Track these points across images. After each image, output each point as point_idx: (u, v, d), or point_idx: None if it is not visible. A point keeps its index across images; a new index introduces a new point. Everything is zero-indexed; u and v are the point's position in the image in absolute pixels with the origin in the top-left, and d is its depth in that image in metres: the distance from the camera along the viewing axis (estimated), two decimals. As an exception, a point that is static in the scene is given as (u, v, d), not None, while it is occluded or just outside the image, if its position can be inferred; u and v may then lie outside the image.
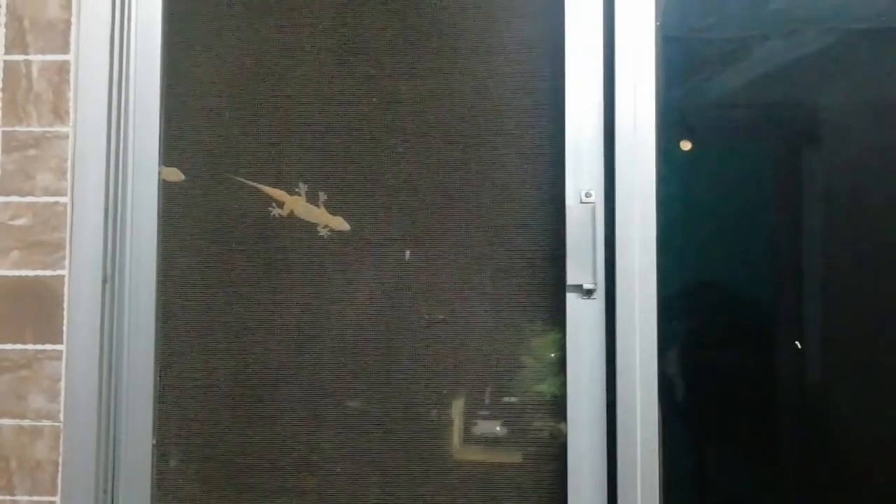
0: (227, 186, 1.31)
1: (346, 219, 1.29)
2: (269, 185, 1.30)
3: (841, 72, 1.30)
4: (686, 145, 1.30)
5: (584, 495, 1.20)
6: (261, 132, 1.31)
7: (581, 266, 1.21)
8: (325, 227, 1.29)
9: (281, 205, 1.29)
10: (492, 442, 1.26)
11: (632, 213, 1.21)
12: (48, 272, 1.22)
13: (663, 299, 1.21)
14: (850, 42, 1.31)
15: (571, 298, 1.22)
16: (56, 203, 1.23)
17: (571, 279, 1.22)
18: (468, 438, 1.26)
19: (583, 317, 1.22)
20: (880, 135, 1.29)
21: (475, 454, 1.26)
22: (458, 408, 1.27)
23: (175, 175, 1.30)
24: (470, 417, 1.27)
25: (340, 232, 1.29)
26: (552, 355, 1.25)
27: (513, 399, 1.26)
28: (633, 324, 1.20)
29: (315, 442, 1.27)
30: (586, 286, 1.21)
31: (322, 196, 1.28)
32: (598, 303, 1.22)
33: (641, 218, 1.21)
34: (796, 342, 1.27)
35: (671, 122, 1.27)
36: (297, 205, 1.29)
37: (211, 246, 1.30)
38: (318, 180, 1.30)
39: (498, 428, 1.26)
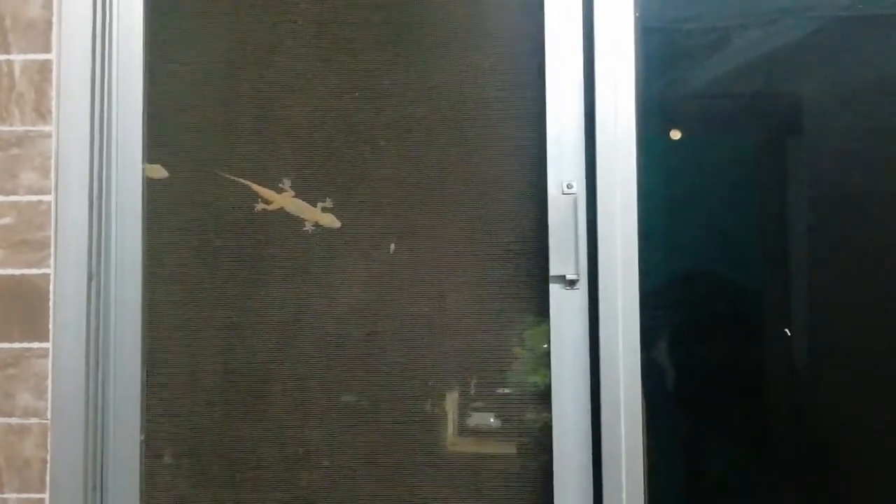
0: (212, 183, 1.31)
1: (330, 213, 1.30)
2: (255, 180, 1.30)
3: (822, 60, 1.31)
4: (672, 135, 1.30)
5: (570, 484, 1.21)
6: (244, 128, 1.31)
7: (564, 257, 1.22)
8: (315, 223, 1.29)
9: (269, 202, 1.30)
10: (476, 433, 1.27)
11: (613, 203, 1.22)
12: (33, 270, 1.23)
13: (646, 289, 1.22)
14: (831, 30, 1.31)
15: (555, 289, 1.23)
16: (40, 202, 1.24)
17: (554, 270, 1.22)
18: (454, 430, 1.27)
19: (566, 307, 1.23)
20: (862, 122, 1.30)
21: (462, 446, 1.27)
22: (445, 400, 1.27)
23: (158, 172, 1.30)
24: (455, 409, 1.27)
25: (326, 227, 1.29)
26: (540, 346, 1.25)
27: (498, 390, 1.26)
28: (616, 313, 1.21)
29: (303, 436, 1.28)
30: (569, 277, 1.22)
31: (327, 202, 1.29)
32: (581, 293, 1.23)
33: (623, 208, 1.22)
34: (785, 329, 1.28)
35: (651, 112, 1.28)
36: (286, 202, 1.29)
37: (196, 242, 1.31)
38: (302, 175, 1.30)
39: (491, 420, 1.26)
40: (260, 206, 1.29)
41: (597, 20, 1.24)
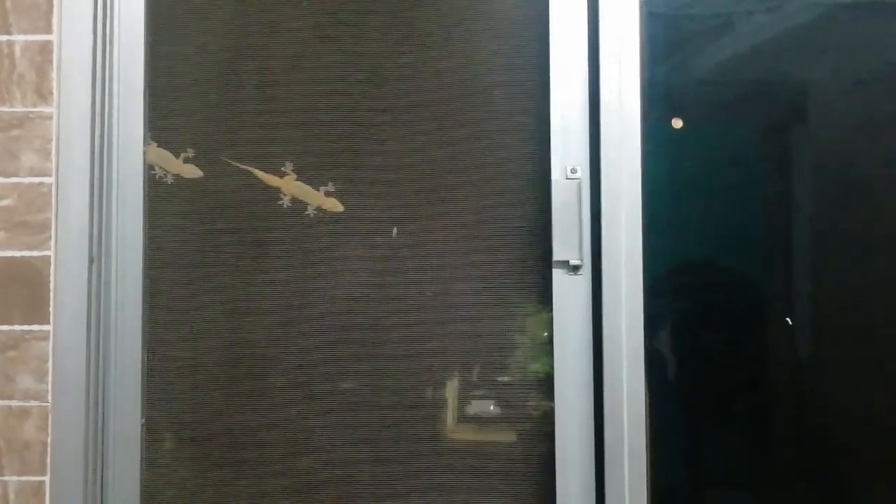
0: (214, 166, 1.30)
1: (332, 197, 1.29)
2: (257, 163, 1.30)
3: (826, 46, 1.30)
4: (677, 123, 1.30)
5: (572, 472, 1.21)
6: (247, 110, 1.31)
7: (567, 242, 1.22)
8: (318, 208, 1.29)
9: (278, 189, 1.29)
10: (478, 420, 1.26)
11: (618, 188, 1.21)
12: (34, 253, 1.22)
13: (649, 275, 1.21)
14: (835, 16, 1.31)
15: (558, 274, 1.22)
16: (41, 184, 1.23)
17: (558, 255, 1.22)
18: (457, 417, 1.27)
19: (569, 293, 1.22)
20: (867, 109, 1.30)
21: (464, 433, 1.27)
22: (447, 386, 1.27)
23: (193, 172, 1.30)
24: (459, 396, 1.27)
25: (329, 211, 1.29)
26: (541, 333, 1.25)
27: (501, 377, 1.26)
28: (619, 299, 1.20)
29: (305, 421, 1.28)
30: (573, 262, 1.21)
31: (330, 186, 1.28)
32: (584, 279, 1.22)
33: (627, 194, 1.21)
34: (787, 318, 1.28)
35: (656, 97, 1.27)
36: (289, 185, 1.29)
37: (197, 225, 1.30)
38: (305, 159, 1.29)
39: (491, 407, 1.26)
40: (284, 200, 1.28)
41: (602, 4, 1.23)
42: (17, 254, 1.22)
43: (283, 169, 1.29)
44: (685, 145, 1.30)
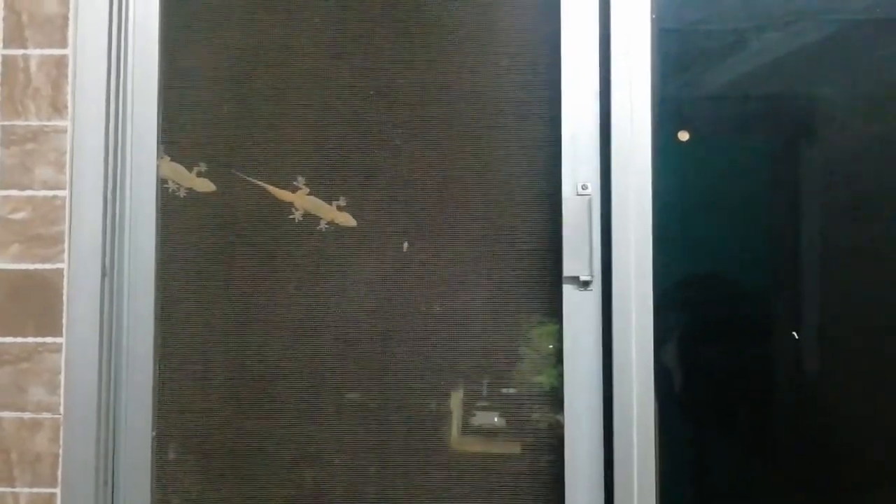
0: (227, 180, 1.31)
1: (345, 212, 1.30)
2: (268, 177, 1.30)
3: (838, 63, 1.30)
4: (683, 136, 1.30)
5: (581, 487, 1.21)
6: (259, 126, 1.31)
7: (577, 258, 1.22)
8: (330, 222, 1.29)
9: (291, 204, 1.29)
10: (489, 433, 1.26)
11: (628, 205, 1.21)
12: (47, 266, 1.23)
13: (660, 291, 1.21)
14: (847, 33, 1.31)
15: (568, 290, 1.23)
16: (55, 197, 1.24)
17: (568, 271, 1.22)
18: (466, 430, 1.27)
19: (579, 308, 1.22)
20: (877, 126, 1.29)
21: (473, 445, 1.27)
22: (455, 399, 1.27)
23: (206, 186, 1.31)
24: (468, 409, 1.27)
25: (341, 226, 1.29)
26: (549, 347, 1.25)
27: (510, 390, 1.26)
28: (629, 315, 1.20)
29: (313, 434, 1.28)
30: (583, 278, 1.22)
31: (341, 200, 1.29)
32: (594, 294, 1.22)
33: (637, 210, 1.22)
34: (793, 333, 1.28)
35: (667, 114, 1.27)
36: (301, 199, 1.30)
37: (210, 239, 1.31)
38: (317, 173, 1.30)
39: (496, 419, 1.26)
40: (296, 214, 1.29)
41: (613, 21, 1.23)
42: (31, 266, 1.23)
43: (295, 183, 1.30)
44: (696, 161, 1.30)
